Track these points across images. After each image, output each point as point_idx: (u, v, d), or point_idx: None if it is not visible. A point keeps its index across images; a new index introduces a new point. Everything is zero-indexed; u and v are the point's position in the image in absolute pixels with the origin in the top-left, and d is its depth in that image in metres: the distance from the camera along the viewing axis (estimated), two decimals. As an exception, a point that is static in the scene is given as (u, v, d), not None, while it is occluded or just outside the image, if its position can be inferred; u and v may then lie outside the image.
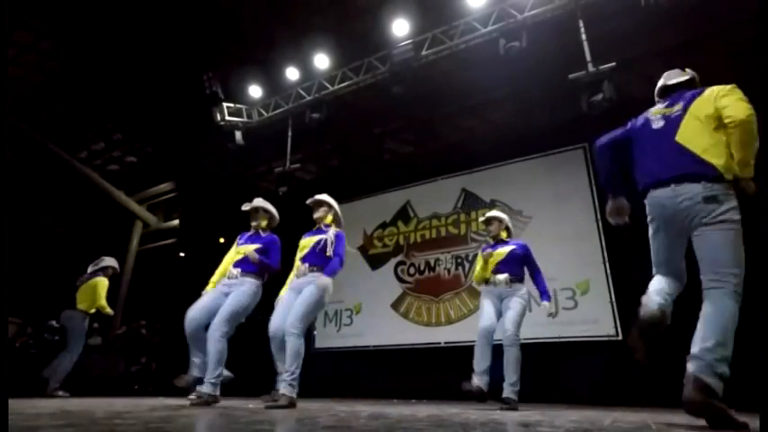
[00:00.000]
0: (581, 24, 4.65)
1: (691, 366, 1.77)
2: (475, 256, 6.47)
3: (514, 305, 3.53)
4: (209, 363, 2.99)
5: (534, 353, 4.55)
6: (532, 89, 5.70)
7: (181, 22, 6.34)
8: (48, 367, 4.75)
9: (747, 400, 2.46)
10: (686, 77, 2.28)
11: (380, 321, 6.67)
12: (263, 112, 6.79)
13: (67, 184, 10.28)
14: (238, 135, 6.66)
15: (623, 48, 5.00)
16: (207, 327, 3.09)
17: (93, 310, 4.91)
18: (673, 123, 2.07)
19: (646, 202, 2.12)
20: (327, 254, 3.20)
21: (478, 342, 3.50)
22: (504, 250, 3.74)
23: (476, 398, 3.37)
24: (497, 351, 3.45)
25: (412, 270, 6.91)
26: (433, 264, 6.73)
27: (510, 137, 6.65)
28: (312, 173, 8.58)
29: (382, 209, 7.47)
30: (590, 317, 5.30)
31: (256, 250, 3.32)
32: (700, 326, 1.85)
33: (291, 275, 3.49)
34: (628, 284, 5.22)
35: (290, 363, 2.85)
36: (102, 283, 4.89)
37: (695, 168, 1.93)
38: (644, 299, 2.04)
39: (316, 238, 3.30)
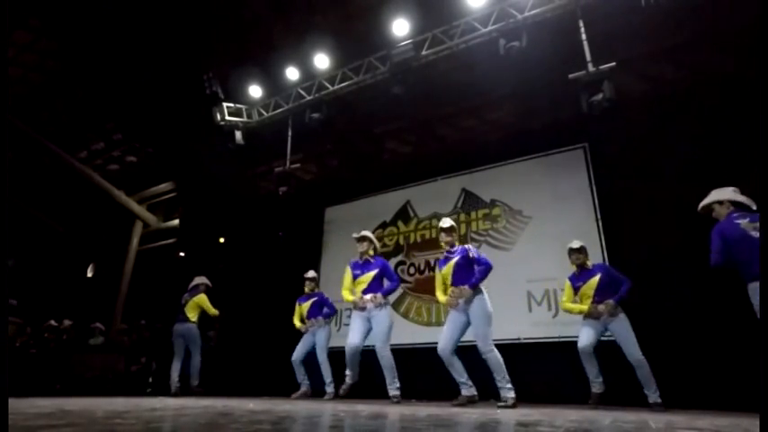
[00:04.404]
0: (581, 24, 4.64)
1: None
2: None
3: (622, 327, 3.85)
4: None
5: (534, 353, 4.56)
6: (532, 89, 5.68)
7: (181, 23, 6.33)
8: (188, 368, 5.68)
9: (747, 400, 2.46)
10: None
11: (380, 321, 6.67)
12: (263, 112, 6.79)
13: (67, 183, 10.27)
14: (238, 135, 6.65)
15: (623, 48, 4.99)
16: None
17: (197, 320, 5.81)
18: None
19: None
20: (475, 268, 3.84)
21: None
22: (595, 279, 3.99)
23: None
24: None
25: (412, 270, 6.91)
26: (433, 264, 6.72)
27: (510, 137, 6.64)
28: (312, 173, 8.56)
29: (382, 209, 7.46)
30: (590, 317, 5.29)
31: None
32: None
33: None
34: (628, 284, 5.21)
35: (498, 372, 3.50)
36: (204, 297, 5.80)
37: None
38: None
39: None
